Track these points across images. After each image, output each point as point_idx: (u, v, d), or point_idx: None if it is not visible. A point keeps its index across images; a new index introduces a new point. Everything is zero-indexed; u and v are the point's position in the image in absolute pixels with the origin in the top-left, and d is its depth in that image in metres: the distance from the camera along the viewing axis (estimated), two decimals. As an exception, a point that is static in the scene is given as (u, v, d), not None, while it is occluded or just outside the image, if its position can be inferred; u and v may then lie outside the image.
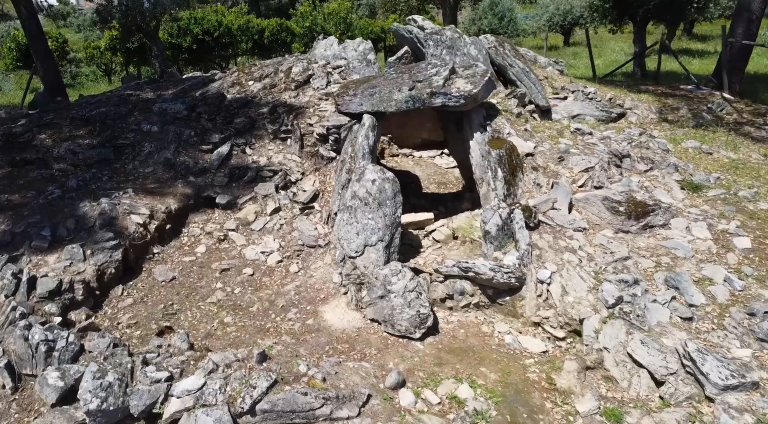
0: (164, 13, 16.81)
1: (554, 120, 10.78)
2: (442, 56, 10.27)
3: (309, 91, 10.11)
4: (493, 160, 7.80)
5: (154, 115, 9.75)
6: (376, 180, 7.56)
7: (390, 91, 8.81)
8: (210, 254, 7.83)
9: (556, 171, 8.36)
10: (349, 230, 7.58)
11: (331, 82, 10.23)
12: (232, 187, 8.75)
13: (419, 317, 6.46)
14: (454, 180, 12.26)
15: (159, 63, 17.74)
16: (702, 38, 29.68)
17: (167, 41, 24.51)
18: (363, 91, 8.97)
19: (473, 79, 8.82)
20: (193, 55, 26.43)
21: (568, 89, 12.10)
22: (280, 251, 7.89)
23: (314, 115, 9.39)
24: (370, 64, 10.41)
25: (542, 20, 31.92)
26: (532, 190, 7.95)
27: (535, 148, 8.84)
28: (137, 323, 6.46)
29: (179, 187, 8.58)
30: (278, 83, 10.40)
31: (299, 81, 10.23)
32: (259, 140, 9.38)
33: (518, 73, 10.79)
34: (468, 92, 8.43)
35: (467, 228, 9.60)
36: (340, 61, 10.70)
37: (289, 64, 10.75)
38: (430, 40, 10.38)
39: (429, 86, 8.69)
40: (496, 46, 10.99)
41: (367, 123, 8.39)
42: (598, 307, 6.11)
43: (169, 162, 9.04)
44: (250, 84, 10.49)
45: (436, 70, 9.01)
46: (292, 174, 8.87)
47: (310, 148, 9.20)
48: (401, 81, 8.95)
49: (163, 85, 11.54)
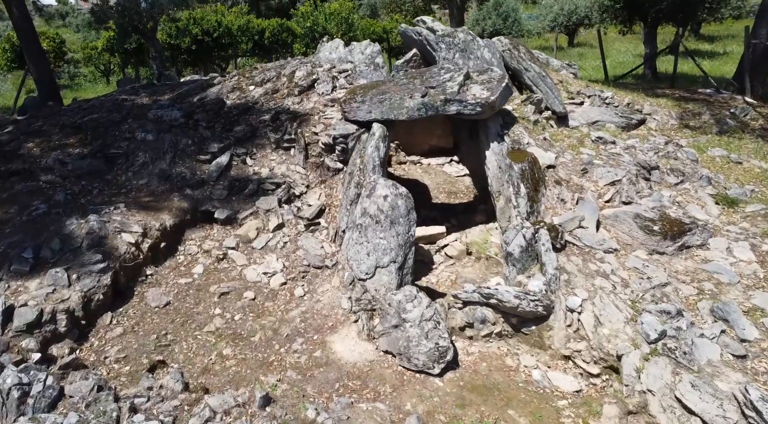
0: (162, 13, 16.13)
1: (572, 127, 10.13)
2: (455, 60, 9.61)
3: (313, 96, 9.45)
4: (516, 175, 7.14)
5: (149, 123, 9.09)
6: (388, 196, 6.91)
7: (401, 97, 8.16)
8: (208, 275, 7.17)
9: (581, 185, 7.70)
10: (359, 250, 6.93)
11: (337, 87, 9.57)
12: (231, 201, 8.09)
13: (438, 351, 5.81)
14: (465, 189, 11.62)
15: (157, 65, 17.05)
16: (709, 39, 29.01)
17: (166, 42, 23.83)
18: (372, 98, 8.32)
19: (490, 85, 8.17)
20: (192, 56, 25.75)
21: (584, 94, 11.45)
22: (284, 271, 7.24)
23: (319, 123, 8.74)
24: (378, 68, 9.75)
25: (546, 20, 31.23)
26: (555, 206, 7.29)
27: (556, 159, 8.19)
28: (126, 356, 5.80)
29: (175, 201, 7.93)
30: (281, 88, 9.74)
31: (303, 86, 9.57)
32: (261, 150, 8.72)
33: (534, 77, 10.13)
34: (485, 100, 7.78)
35: (482, 243, 8.96)
36: (347, 64, 10.04)
37: (292, 68, 10.09)
38: (442, 42, 9.72)
39: (443, 93, 8.04)
40: (510, 49, 10.34)
41: (377, 133, 7.73)
42: (637, 341, 5.45)
43: (165, 173, 8.38)
44: (251, 89, 9.83)
45: (450, 75, 8.36)
46: (296, 187, 8.21)
47: (315, 159, 8.54)
48: (413, 87, 8.30)
49: (160, 90, 10.88)
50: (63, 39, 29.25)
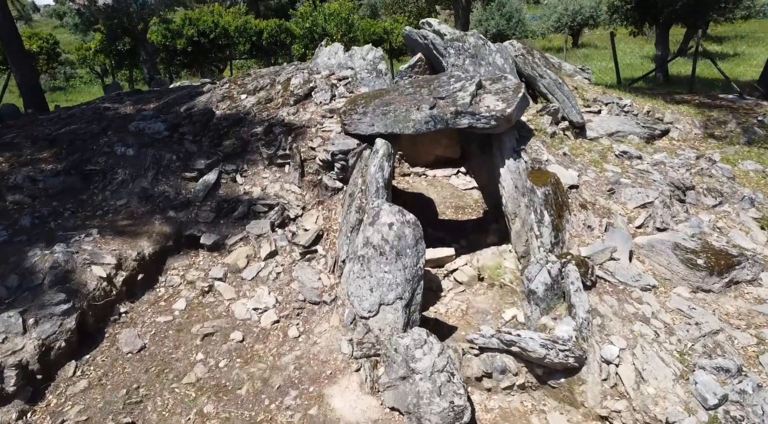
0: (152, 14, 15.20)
1: (591, 139, 9.24)
2: (465, 67, 8.71)
3: (310, 106, 8.55)
4: (539, 201, 6.25)
5: (130, 136, 8.19)
6: (393, 224, 6.02)
7: (407, 109, 7.27)
8: (191, 312, 6.28)
9: (608, 208, 6.81)
10: (361, 285, 6.04)
11: (336, 95, 8.67)
12: (219, 225, 7.20)
13: (453, 411, 4.92)
14: (473, 204, 10.73)
15: (148, 68, 16.14)
16: (717, 40, 28.11)
17: (161, 43, 22.93)
18: (374, 109, 7.43)
19: (505, 96, 7.28)
20: (188, 57, 24.84)
21: (601, 101, 10.56)
22: (277, 307, 6.35)
23: (317, 137, 7.84)
24: (380, 76, 8.85)
25: (550, 21, 30.32)
26: (581, 234, 6.41)
27: (579, 178, 7.30)
28: (89, 419, 4.91)
29: (156, 225, 7.04)
30: (275, 97, 8.84)
31: (299, 95, 8.67)
32: (252, 167, 7.83)
33: (550, 85, 9.24)
34: (500, 112, 6.90)
35: (495, 268, 8.10)
36: (347, 71, 9.14)
37: (287, 75, 9.18)
38: (451, 47, 8.81)
39: (453, 104, 7.16)
40: (524, 54, 9.44)
41: (381, 150, 6.84)
42: (691, 406, 4.57)
43: (146, 193, 7.48)
44: (243, 98, 8.93)
45: (461, 84, 7.47)
46: (291, 209, 7.32)
47: (312, 177, 7.64)
48: (420, 97, 7.41)
49: (146, 98, 9.98)
50: (57, 40, 28.26)
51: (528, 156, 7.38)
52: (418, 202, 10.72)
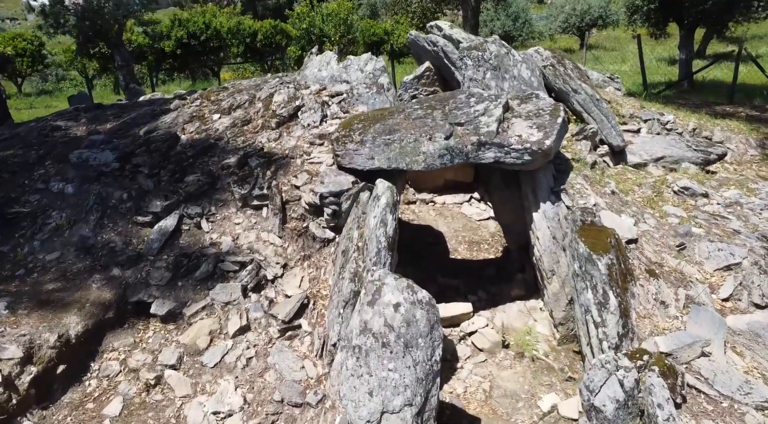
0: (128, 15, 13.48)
1: (634, 165, 7.54)
2: (486, 81, 6.98)
3: (296, 130, 6.84)
4: (601, 278, 4.49)
5: (71, 168, 6.47)
6: (400, 305, 4.32)
7: (416, 139, 5.57)
8: (128, 419, 4.58)
9: (681, 271, 5.11)
10: (357, 385, 4.34)
11: (328, 116, 6.96)
12: (176, 288, 5.49)
13: None
14: (490, 238, 9.02)
15: (123, 75, 14.41)
16: (733, 41, 26.25)
17: (147, 45, 21.19)
18: (375, 138, 5.73)
19: (540, 121, 5.58)
20: (178, 60, 23.11)
21: (639, 118, 8.85)
22: (245, 411, 4.65)
23: (302, 171, 6.13)
24: (381, 91, 7.13)
25: (557, 21, 28.53)
26: (653, 312, 4.70)
27: (636, 226, 5.60)
28: None
29: (93, 289, 5.34)
30: (253, 118, 7.12)
31: (282, 116, 6.95)
32: (222, 209, 6.11)
33: (586, 102, 7.52)
34: (537, 145, 5.22)
35: (523, 333, 6.44)
36: (341, 85, 7.42)
37: (269, 90, 7.46)
38: (468, 58, 7.07)
39: (475, 132, 5.46)
40: (554, 64, 7.71)
41: (384, 198, 5.12)
42: None
43: (86, 243, 5.78)
44: (215, 118, 7.21)
45: (483, 106, 5.77)
46: (269, 267, 5.60)
47: (296, 224, 5.93)
48: (432, 123, 5.70)
49: (104, 115, 8.25)
50: (42, 41, 26.48)
51: (570, 198, 5.67)
52: (426, 236, 9.01)
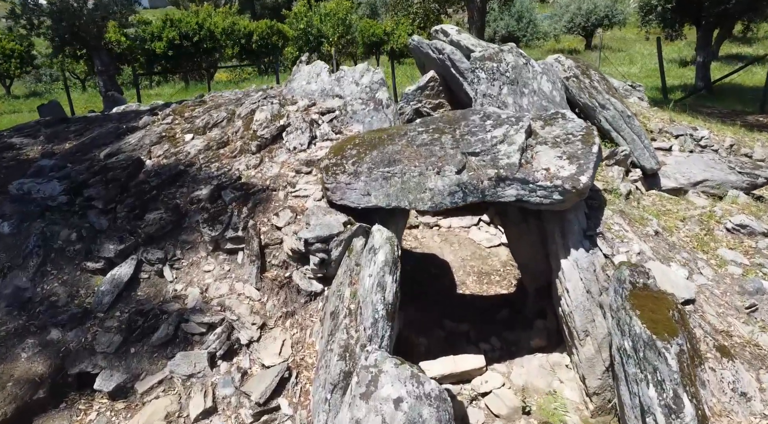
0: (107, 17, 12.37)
1: (669, 190, 6.51)
2: (502, 98, 5.91)
3: (280, 154, 5.78)
4: (670, 374, 3.36)
5: (10, 202, 5.41)
6: (403, 401, 3.28)
7: (421, 172, 4.53)
8: None
9: (754, 342, 4.05)
10: None
11: (318, 137, 5.91)
12: (128, 356, 4.45)
13: None
14: (501, 268, 7.99)
15: (103, 81, 13.31)
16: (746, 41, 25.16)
17: (137, 47, 20.09)
18: (372, 169, 4.69)
19: (572, 150, 4.54)
20: (170, 62, 22.00)
21: (670, 133, 7.79)
22: None
23: (285, 207, 5.07)
24: (380, 108, 6.07)
25: (562, 21, 27.38)
26: (732, 408, 3.63)
27: (690, 279, 4.55)
28: None
29: (22, 360, 4.31)
30: (231, 139, 6.06)
31: (264, 137, 5.89)
32: (190, 253, 5.06)
33: (615, 119, 6.46)
34: (570, 182, 4.19)
35: (548, 398, 5.44)
36: (333, 100, 6.35)
37: (251, 106, 6.39)
38: (481, 70, 5.99)
39: (493, 165, 4.42)
40: (577, 75, 6.65)
41: (382, 254, 4.06)
42: None
43: (21, 296, 4.74)
44: (187, 139, 6.15)
45: (502, 130, 4.71)
46: (243, 328, 4.56)
47: (277, 272, 4.88)
48: (440, 151, 4.65)
49: (64, 132, 7.18)
50: (31, 42, 25.35)
51: (608, 244, 4.61)
52: (430, 267, 7.96)
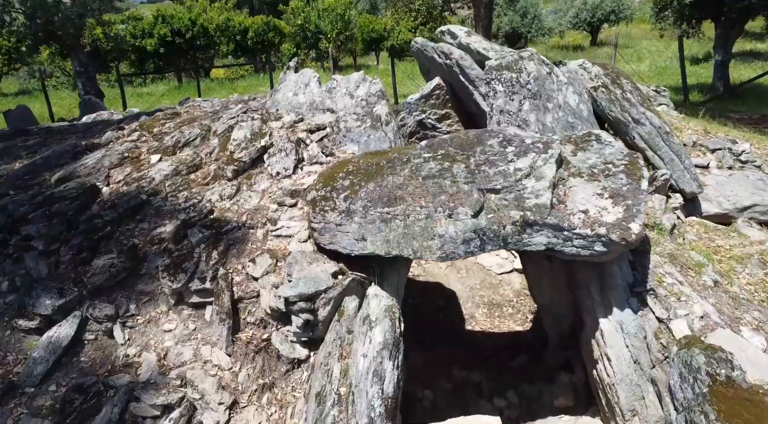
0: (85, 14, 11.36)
1: (712, 217, 5.59)
2: (523, 115, 4.93)
3: (260, 181, 4.83)
4: None
5: (-64, 244, 4.48)
6: None
7: (429, 215, 3.60)
8: None
9: None
10: None
11: (305, 160, 4.96)
12: (64, 445, 3.53)
13: None
14: (514, 298, 7.08)
15: (81, 83, 12.32)
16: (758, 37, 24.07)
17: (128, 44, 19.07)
18: (368, 207, 3.75)
19: (615, 186, 3.62)
20: (162, 59, 20.99)
21: (705, 146, 6.87)
22: None
23: (263, 252, 4.13)
24: (378, 126, 5.11)
25: (567, 16, 26.30)
26: None
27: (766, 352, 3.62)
28: None
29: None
30: (205, 162, 5.12)
31: (242, 161, 4.94)
32: (147, 307, 4.12)
33: (651, 136, 5.51)
34: (618, 232, 3.28)
35: (580, 474, 4.51)
36: (324, 115, 5.39)
37: (228, 122, 5.43)
38: (499, 81, 5.01)
39: (518, 205, 3.49)
40: (607, 84, 5.68)
41: (380, 331, 3.12)
42: None
43: (-59, 365, 3.82)
44: (153, 161, 5.20)
45: (529, 160, 3.77)
46: (208, 409, 3.62)
47: (254, 332, 3.94)
48: (452, 186, 3.70)
49: (17, 148, 6.23)
50: (19, 38, 24.33)
51: (662, 305, 3.68)
52: (435, 297, 7.04)
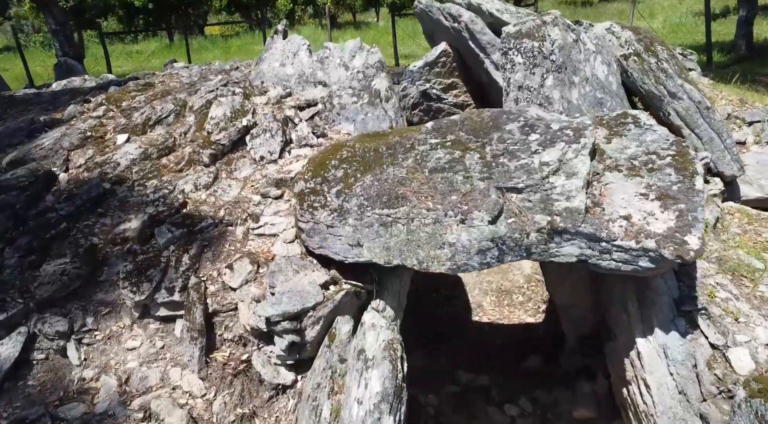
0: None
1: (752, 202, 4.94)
2: (545, 91, 4.20)
3: (242, 167, 4.16)
4: None
5: None
6: None
7: (437, 219, 2.95)
8: None
9: None
10: None
11: (294, 142, 4.27)
12: (8, 490, 2.99)
13: None
14: (525, 284, 6.52)
15: (60, 42, 11.46)
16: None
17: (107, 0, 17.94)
18: (364, 207, 3.10)
19: (662, 184, 2.96)
20: (152, 15, 19.87)
21: (741, 119, 6.14)
22: None
23: (243, 255, 3.50)
24: (377, 102, 4.39)
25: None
26: None
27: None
28: None
29: None
30: (179, 144, 4.42)
31: (221, 144, 4.25)
32: (107, 321, 3.52)
33: (689, 112, 4.79)
34: (671, 248, 2.62)
35: None
36: (315, 90, 4.66)
37: (206, 96, 4.71)
38: (518, 51, 4.25)
39: (544, 208, 2.83)
40: (639, 52, 4.92)
41: (377, 377, 2.51)
42: None
43: None
44: (120, 141, 4.51)
45: (557, 152, 3.08)
46: (175, 447, 3.07)
47: (232, 352, 3.35)
48: (464, 184, 3.04)
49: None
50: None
51: (716, 328, 3.08)
52: (439, 286, 6.46)
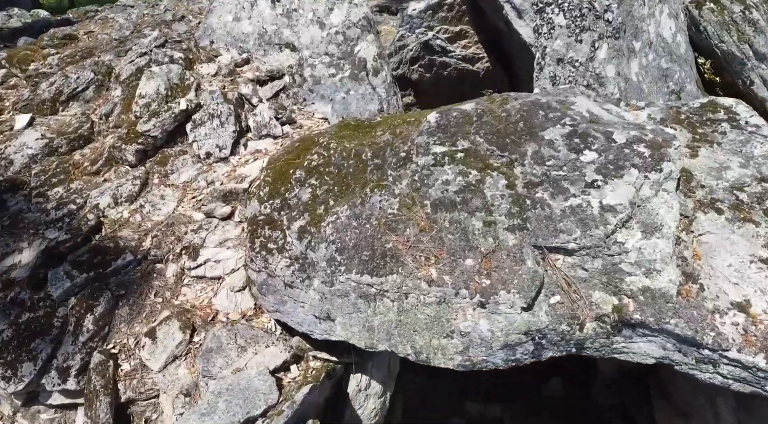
0: None
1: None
2: (596, 66, 2.95)
3: (182, 169, 3.02)
4: None
5: None
6: None
7: (444, 297, 1.96)
8: None
9: None
10: None
11: (251, 131, 3.11)
12: None
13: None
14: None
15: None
16: None
17: None
18: (337, 261, 2.06)
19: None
20: None
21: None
22: None
23: (171, 314, 2.46)
24: (361, 75, 3.16)
25: None
26: None
27: None
28: None
29: None
30: (98, 131, 3.25)
31: (151, 135, 3.09)
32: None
33: (780, 84, 3.58)
34: None
35: None
36: (280, 55, 3.40)
37: (138, 62, 3.46)
38: (559, 9, 2.95)
39: (608, 283, 2.11)
40: None
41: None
42: None
43: None
44: (19, 126, 3.32)
45: (629, 189, 2.09)
46: None
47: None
48: (483, 237, 1.93)
49: None
50: None
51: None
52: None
